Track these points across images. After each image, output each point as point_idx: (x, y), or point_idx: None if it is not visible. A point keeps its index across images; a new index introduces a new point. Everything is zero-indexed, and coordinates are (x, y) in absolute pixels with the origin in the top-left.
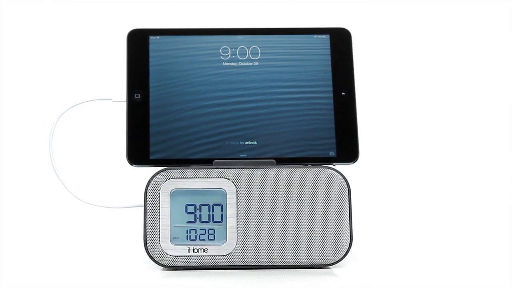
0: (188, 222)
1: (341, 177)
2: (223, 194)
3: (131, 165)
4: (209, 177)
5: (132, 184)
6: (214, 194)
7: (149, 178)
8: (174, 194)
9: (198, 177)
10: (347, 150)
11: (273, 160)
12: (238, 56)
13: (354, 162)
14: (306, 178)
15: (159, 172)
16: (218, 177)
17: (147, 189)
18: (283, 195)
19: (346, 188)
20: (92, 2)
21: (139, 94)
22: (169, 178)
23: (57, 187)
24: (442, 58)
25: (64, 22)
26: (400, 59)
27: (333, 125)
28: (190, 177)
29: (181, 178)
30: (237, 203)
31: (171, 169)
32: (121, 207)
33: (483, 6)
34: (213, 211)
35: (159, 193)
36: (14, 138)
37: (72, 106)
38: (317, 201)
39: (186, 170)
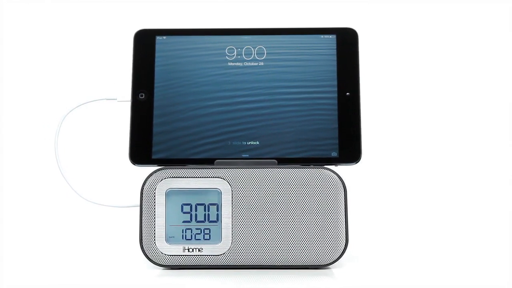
0: (184, 221)
1: (337, 177)
2: (219, 193)
3: (134, 164)
4: (204, 177)
5: (135, 183)
6: (210, 193)
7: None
8: (170, 193)
9: (194, 177)
10: (350, 150)
11: (274, 160)
12: (244, 56)
13: (356, 163)
14: (302, 179)
15: (155, 171)
16: (213, 177)
17: (143, 188)
18: (278, 195)
19: (342, 188)
20: (97, 2)
21: (143, 94)
22: (165, 178)
23: (61, 185)
24: (448, 60)
25: (70, 22)
26: (407, 60)
27: (336, 126)
28: (185, 177)
29: (176, 177)
30: (232, 203)
31: (167, 168)
32: (124, 206)
33: (492, 6)
34: (208, 210)
35: (154, 193)
36: (21, 137)
37: (78, 106)
38: (312, 202)
39: (182, 170)
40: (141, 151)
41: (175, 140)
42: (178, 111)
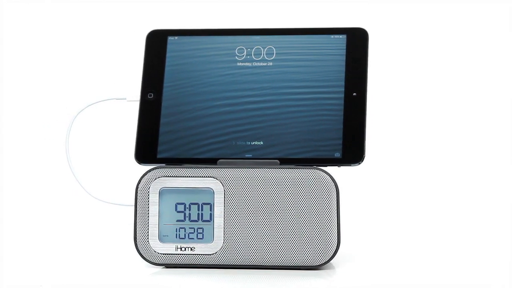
0: (178, 220)
1: (329, 178)
2: (211, 193)
3: (139, 163)
4: (198, 176)
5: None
6: (203, 193)
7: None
8: (163, 192)
9: (187, 176)
10: (353, 151)
11: (277, 160)
12: (253, 56)
13: (359, 164)
14: (294, 179)
15: (149, 171)
16: (206, 177)
17: (137, 187)
18: (270, 196)
19: (334, 189)
20: (108, 3)
21: (152, 94)
22: (159, 177)
23: (62, 182)
24: (457, 64)
25: (82, 23)
26: (415, 61)
27: (341, 126)
28: (179, 176)
29: (170, 177)
30: (224, 203)
31: (161, 168)
32: (122, 205)
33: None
34: (202, 210)
35: (148, 192)
36: (31, 136)
37: (88, 105)
38: (304, 202)
39: (175, 169)
40: (146, 150)
41: (181, 139)
42: (185, 111)
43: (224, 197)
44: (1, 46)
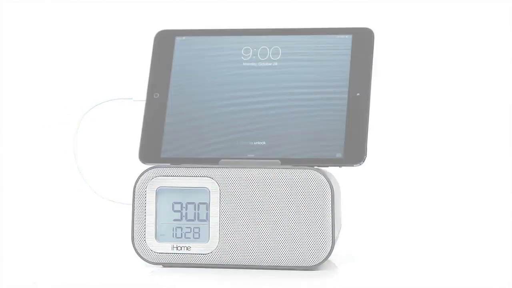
0: (175, 220)
1: (324, 178)
2: (207, 193)
3: (143, 163)
4: (194, 176)
5: None
6: (199, 192)
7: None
8: (160, 192)
9: (184, 176)
10: (354, 152)
11: (278, 160)
12: (259, 57)
13: (360, 164)
14: (289, 179)
15: (146, 170)
16: (202, 176)
17: (135, 186)
18: (265, 196)
19: (329, 189)
20: (113, 3)
21: (158, 94)
22: (156, 176)
23: (70, 182)
24: (461, 65)
25: (89, 23)
26: (421, 62)
27: (343, 126)
28: (176, 176)
29: (167, 176)
30: (220, 203)
31: (158, 167)
32: (121, 203)
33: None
34: (198, 209)
35: (145, 191)
36: (33, 136)
37: (96, 105)
38: (298, 202)
39: (172, 169)
40: (150, 150)
41: (184, 139)
42: (190, 111)
43: (220, 196)
44: (9, 45)
